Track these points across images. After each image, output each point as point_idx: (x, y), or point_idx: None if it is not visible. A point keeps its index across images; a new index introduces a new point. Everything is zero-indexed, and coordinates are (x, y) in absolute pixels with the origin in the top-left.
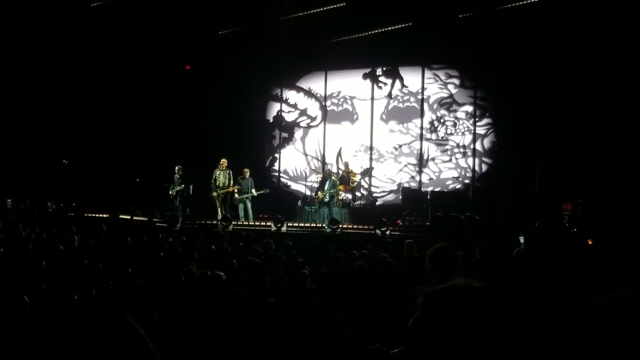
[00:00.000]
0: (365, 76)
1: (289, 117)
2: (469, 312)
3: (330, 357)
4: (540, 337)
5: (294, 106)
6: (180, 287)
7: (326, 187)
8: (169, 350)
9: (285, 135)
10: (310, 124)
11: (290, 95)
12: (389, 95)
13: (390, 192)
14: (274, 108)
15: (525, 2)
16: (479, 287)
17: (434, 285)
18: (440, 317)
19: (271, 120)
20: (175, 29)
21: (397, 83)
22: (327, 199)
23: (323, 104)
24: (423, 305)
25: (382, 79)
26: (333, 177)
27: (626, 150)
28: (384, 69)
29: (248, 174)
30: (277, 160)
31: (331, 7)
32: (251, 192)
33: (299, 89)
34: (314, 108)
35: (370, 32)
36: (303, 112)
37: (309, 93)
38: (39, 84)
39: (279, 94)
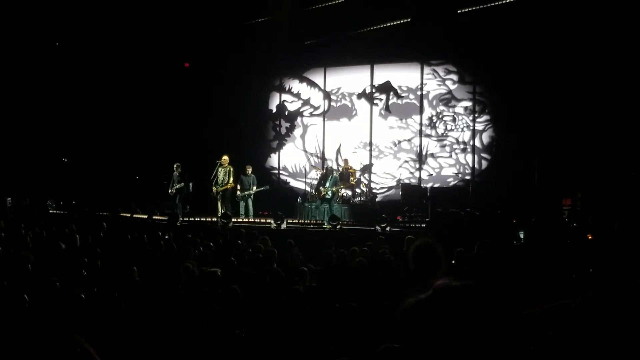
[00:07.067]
0: (359, 96)
1: (292, 106)
2: (453, 314)
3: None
4: (530, 332)
5: (297, 95)
6: (178, 284)
7: (328, 183)
8: (167, 345)
9: (287, 125)
10: (314, 113)
11: (293, 84)
12: (387, 109)
13: (390, 188)
14: (276, 100)
15: None
16: (459, 286)
17: (417, 289)
18: (423, 325)
19: (274, 110)
20: (174, 26)
21: (392, 95)
22: (328, 196)
23: (325, 90)
24: (402, 318)
25: (376, 95)
26: (335, 174)
27: (625, 145)
28: (376, 85)
29: (250, 170)
30: (278, 155)
31: (330, 3)
32: (252, 189)
33: (302, 79)
34: (317, 97)
35: (369, 29)
36: (306, 102)
37: (312, 83)
38: (38, 82)
39: (280, 83)
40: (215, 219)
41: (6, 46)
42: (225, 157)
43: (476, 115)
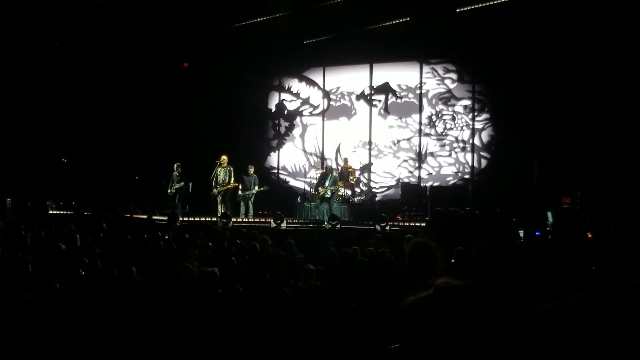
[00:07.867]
0: (358, 97)
1: (291, 106)
2: (453, 313)
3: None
4: (532, 331)
5: (297, 95)
6: (178, 283)
7: (327, 183)
8: (167, 345)
9: (286, 124)
10: (313, 112)
11: (293, 83)
12: (386, 110)
13: (389, 187)
14: (275, 99)
15: None
16: (460, 285)
17: (415, 289)
18: (424, 324)
19: (273, 109)
20: (173, 26)
21: (391, 96)
22: (328, 195)
23: (324, 89)
24: (402, 317)
25: (374, 96)
26: (334, 174)
27: (625, 144)
28: (374, 86)
29: (252, 170)
30: (277, 155)
31: (329, 2)
32: (253, 189)
33: (302, 78)
34: (316, 96)
35: (368, 28)
36: (305, 101)
37: (311, 82)
38: (38, 82)
39: (280, 83)
40: (215, 219)
41: (6, 46)
42: (224, 157)
43: (475, 114)
